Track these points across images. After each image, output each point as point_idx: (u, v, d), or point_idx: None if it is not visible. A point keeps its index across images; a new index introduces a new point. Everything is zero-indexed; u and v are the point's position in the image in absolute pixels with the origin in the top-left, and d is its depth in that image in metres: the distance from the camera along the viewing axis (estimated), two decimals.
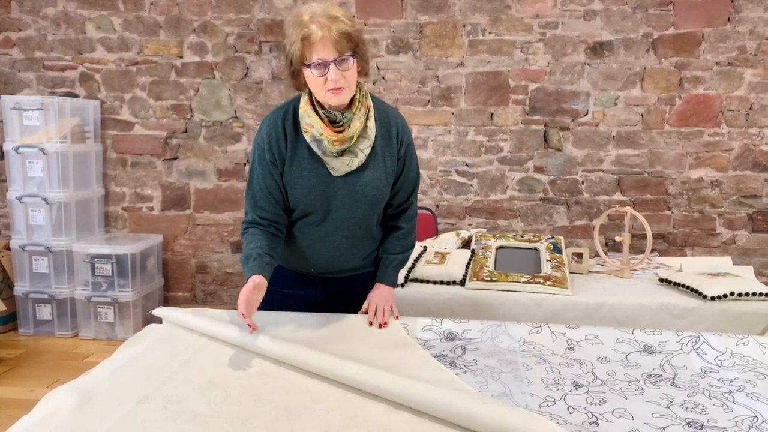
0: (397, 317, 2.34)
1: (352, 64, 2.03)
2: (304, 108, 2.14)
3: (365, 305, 2.38)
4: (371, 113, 2.19)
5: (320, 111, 2.12)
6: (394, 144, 2.26)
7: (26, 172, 4.71)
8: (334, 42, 1.96)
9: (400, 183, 2.34)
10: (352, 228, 2.27)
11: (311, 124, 2.11)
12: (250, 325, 2.00)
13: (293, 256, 2.37)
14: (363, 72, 2.14)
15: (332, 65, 1.98)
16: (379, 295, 2.37)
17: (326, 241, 2.29)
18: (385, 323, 2.28)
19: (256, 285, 2.03)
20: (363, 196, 2.21)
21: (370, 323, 2.29)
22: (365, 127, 2.16)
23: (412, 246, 2.49)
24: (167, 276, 5.22)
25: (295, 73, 2.09)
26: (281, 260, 2.36)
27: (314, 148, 2.14)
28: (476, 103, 4.75)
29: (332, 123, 2.12)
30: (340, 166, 2.15)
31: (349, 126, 2.11)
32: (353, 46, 2.02)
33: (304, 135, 2.15)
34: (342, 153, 2.14)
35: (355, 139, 2.13)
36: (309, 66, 2.00)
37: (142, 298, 4.79)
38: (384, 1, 4.74)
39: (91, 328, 4.71)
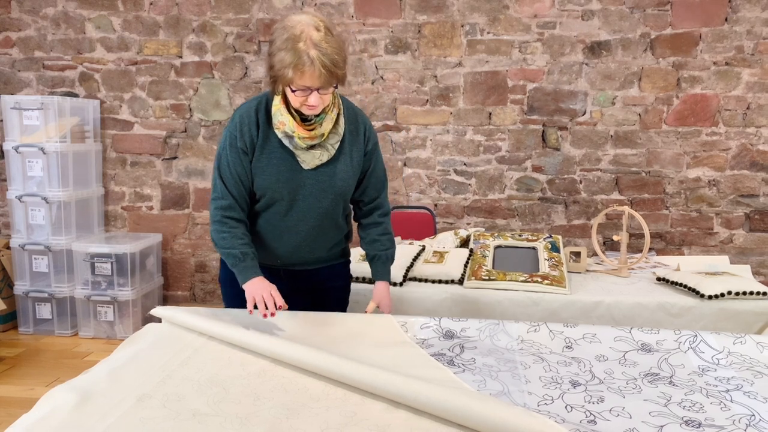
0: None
1: (331, 90, 2.15)
2: (278, 106, 2.24)
3: (371, 305, 2.47)
4: (341, 112, 2.32)
5: (293, 111, 2.22)
6: (362, 140, 2.39)
7: (26, 172, 4.71)
8: (321, 78, 2.05)
9: (368, 179, 2.47)
10: (318, 218, 2.36)
11: (283, 122, 2.22)
12: (279, 306, 2.16)
13: (258, 248, 2.40)
14: (341, 84, 2.22)
15: (315, 92, 2.09)
16: (382, 292, 2.51)
17: (293, 231, 2.37)
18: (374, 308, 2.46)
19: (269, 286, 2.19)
20: (330, 188, 2.32)
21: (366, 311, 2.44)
22: (335, 124, 2.28)
23: (394, 242, 2.60)
24: (166, 275, 5.22)
25: (276, 82, 2.15)
26: None
27: (286, 142, 2.25)
28: (474, 103, 4.75)
29: (304, 121, 2.23)
30: (311, 160, 2.27)
31: (321, 125, 2.23)
32: (337, 80, 2.12)
33: (276, 131, 2.25)
34: (312, 147, 2.26)
35: (326, 135, 2.26)
36: (294, 91, 2.10)
37: (142, 297, 4.79)
38: (382, 1, 4.74)
39: (91, 327, 4.72)
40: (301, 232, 2.36)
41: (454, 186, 4.86)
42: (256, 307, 2.15)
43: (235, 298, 2.41)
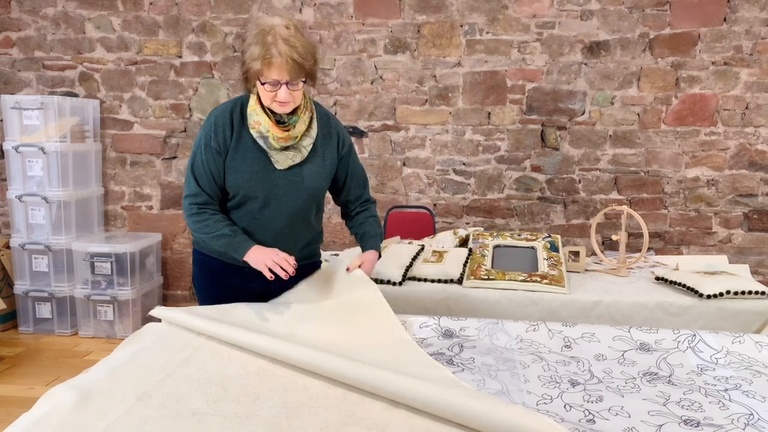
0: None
1: (301, 86, 2.23)
2: (253, 107, 2.31)
3: (356, 262, 2.50)
4: (314, 116, 2.41)
5: (268, 111, 2.30)
6: (335, 144, 2.48)
7: (26, 171, 4.72)
8: (289, 70, 2.15)
9: (349, 181, 2.57)
10: (290, 218, 2.42)
11: (259, 122, 2.29)
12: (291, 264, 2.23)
13: None
14: (311, 84, 2.34)
15: (284, 86, 2.18)
16: (369, 256, 2.54)
17: (265, 229, 2.41)
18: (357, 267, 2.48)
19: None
20: (303, 188, 2.38)
21: (348, 269, 2.47)
22: (309, 127, 2.38)
23: (381, 226, 2.71)
24: (166, 274, 5.23)
25: (248, 79, 2.26)
26: (216, 253, 2.49)
27: (260, 143, 2.32)
28: (473, 103, 4.76)
29: (279, 123, 2.30)
30: (284, 160, 2.34)
31: (295, 127, 2.31)
32: (306, 74, 2.22)
33: (251, 131, 2.32)
34: (286, 148, 2.33)
35: (299, 138, 2.34)
36: (263, 83, 2.19)
37: (142, 296, 4.80)
38: (382, 1, 4.75)
39: (91, 327, 4.72)
40: (273, 231, 2.41)
41: (453, 186, 4.87)
42: (273, 274, 2.23)
43: (213, 303, 2.46)
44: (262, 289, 2.44)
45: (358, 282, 2.39)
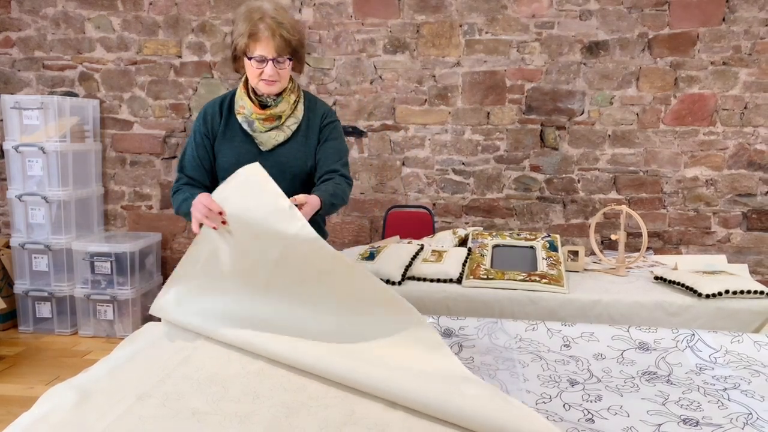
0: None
1: (287, 65, 2.30)
2: (239, 93, 2.43)
3: (301, 198, 2.22)
4: (301, 100, 2.46)
5: (253, 96, 2.39)
6: (318, 122, 2.49)
7: (26, 171, 4.72)
8: (275, 45, 2.22)
9: (322, 151, 2.46)
10: None
11: (243, 106, 2.39)
12: (222, 221, 2.05)
13: None
14: (297, 70, 2.43)
15: (270, 63, 2.24)
16: (311, 197, 2.23)
17: None
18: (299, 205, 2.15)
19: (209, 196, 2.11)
20: (288, 168, 2.41)
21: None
22: (295, 109, 2.43)
23: (344, 199, 2.42)
24: (166, 274, 5.22)
25: (236, 58, 2.34)
26: None
27: (245, 126, 2.40)
28: (473, 103, 4.76)
29: (262, 107, 2.38)
30: (267, 140, 2.40)
31: (277, 106, 2.37)
32: (291, 51, 2.29)
33: (237, 116, 2.41)
34: (271, 130, 2.40)
35: (283, 119, 2.40)
36: (250, 58, 2.26)
37: (141, 296, 4.80)
38: (381, 1, 4.75)
39: (91, 326, 4.73)
40: None
41: (453, 185, 4.87)
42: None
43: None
44: None
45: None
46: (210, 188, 2.39)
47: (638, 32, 4.55)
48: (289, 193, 2.28)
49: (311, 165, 2.48)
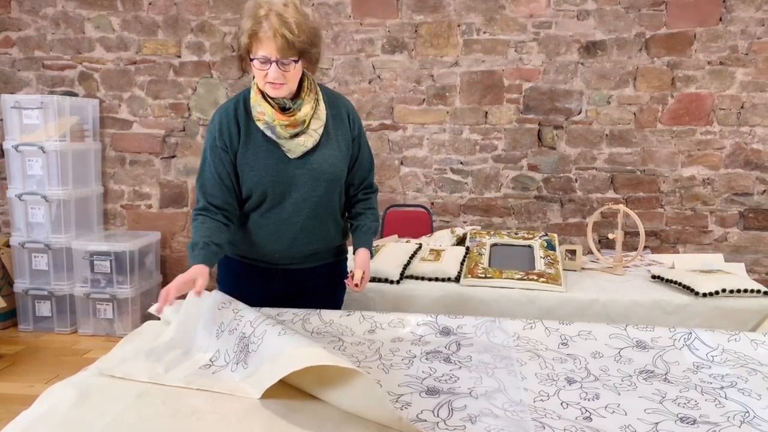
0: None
1: (293, 67, 2.10)
2: (255, 98, 2.22)
3: (358, 273, 2.38)
4: (320, 98, 2.28)
5: (270, 99, 2.19)
6: (347, 124, 2.35)
7: (26, 170, 4.73)
8: (277, 46, 2.03)
9: (359, 163, 2.43)
10: (313, 208, 2.30)
11: (263, 112, 2.18)
12: (160, 310, 1.99)
13: (254, 245, 2.37)
14: (311, 69, 2.22)
15: (274, 64, 2.06)
16: (364, 260, 2.43)
17: (289, 223, 2.30)
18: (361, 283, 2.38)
19: (196, 274, 2.06)
20: (321, 174, 2.26)
21: (356, 285, 2.36)
22: (316, 109, 2.24)
23: (378, 218, 2.55)
24: (165, 273, 5.24)
25: (242, 57, 2.17)
26: (240, 252, 2.41)
27: (268, 133, 2.21)
28: (471, 102, 4.78)
29: (283, 110, 2.19)
30: (295, 147, 2.21)
31: (300, 110, 2.19)
32: (297, 53, 2.08)
33: (257, 123, 2.21)
34: (296, 135, 2.21)
35: (307, 122, 2.21)
36: (253, 59, 2.10)
37: (141, 294, 4.81)
38: (379, 1, 4.76)
39: (90, 325, 4.74)
40: (296, 224, 2.30)
41: (451, 184, 4.88)
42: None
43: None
44: (277, 294, 2.43)
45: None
46: (235, 209, 2.29)
47: (635, 32, 4.57)
48: (323, 201, 2.30)
49: (345, 168, 2.37)
